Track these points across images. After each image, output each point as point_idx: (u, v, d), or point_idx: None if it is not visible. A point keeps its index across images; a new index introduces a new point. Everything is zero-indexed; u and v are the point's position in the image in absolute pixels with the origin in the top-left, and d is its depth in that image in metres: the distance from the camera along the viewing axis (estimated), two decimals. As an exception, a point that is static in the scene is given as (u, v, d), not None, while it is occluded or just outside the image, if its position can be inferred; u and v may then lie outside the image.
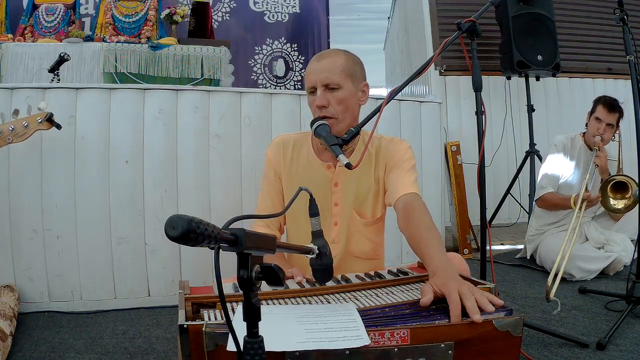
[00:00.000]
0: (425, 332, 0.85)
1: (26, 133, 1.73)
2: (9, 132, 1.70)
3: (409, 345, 0.83)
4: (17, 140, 1.73)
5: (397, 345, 0.83)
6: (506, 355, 0.90)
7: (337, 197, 1.49)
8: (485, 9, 1.64)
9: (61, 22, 4.19)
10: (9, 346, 1.74)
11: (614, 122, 2.76)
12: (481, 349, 0.88)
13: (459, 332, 0.86)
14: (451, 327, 0.87)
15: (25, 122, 1.72)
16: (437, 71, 4.34)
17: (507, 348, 0.89)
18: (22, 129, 1.72)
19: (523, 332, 1.49)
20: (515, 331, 0.89)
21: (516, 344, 0.89)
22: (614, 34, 4.34)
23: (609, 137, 2.78)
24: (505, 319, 0.89)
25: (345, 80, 1.40)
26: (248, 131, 2.44)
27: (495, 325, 0.87)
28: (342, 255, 1.50)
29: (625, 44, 2.07)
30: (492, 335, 0.87)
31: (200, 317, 0.96)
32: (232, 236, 0.63)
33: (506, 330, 0.88)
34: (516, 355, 0.90)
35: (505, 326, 0.88)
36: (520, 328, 0.90)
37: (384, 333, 0.83)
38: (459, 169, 3.38)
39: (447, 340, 0.85)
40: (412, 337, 0.84)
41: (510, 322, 0.89)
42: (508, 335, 0.88)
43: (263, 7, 5.26)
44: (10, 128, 1.71)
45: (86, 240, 2.25)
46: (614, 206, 2.55)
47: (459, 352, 0.85)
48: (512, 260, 3.11)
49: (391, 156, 1.47)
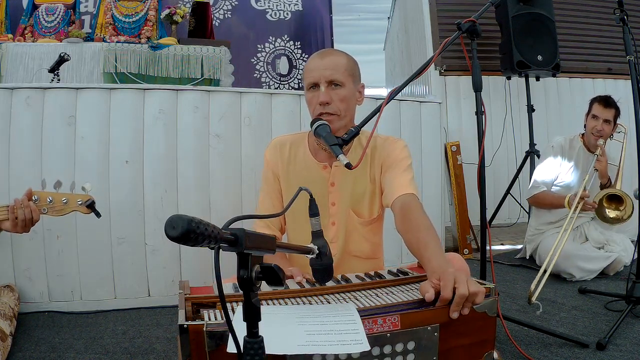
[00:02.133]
0: (413, 316, 0.93)
1: (63, 210, 1.62)
2: (46, 202, 1.61)
3: (400, 330, 0.91)
4: (52, 214, 1.62)
5: (389, 331, 0.91)
6: (483, 334, 1.00)
7: (334, 197, 1.49)
8: (485, 9, 1.64)
9: (61, 22, 4.19)
10: (9, 346, 1.74)
11: (610, 118, 2.77)
12: (462, 329, 0.97)
13: (443, 315, 0.95)
14: (436, 311, 0.95)
15: (65, 198, 1.62)
16: (437, 71, 4.33)
17: (484, 327, 1.00)
18: (60, 205, 1.62)
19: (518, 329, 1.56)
20: (491, 312, 0.99)
21: (492, 323, 1.01)
22: (613, 34, 4.33)
23: (607, 133, 2.78)
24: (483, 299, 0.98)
25: (348, 79, 1.42)
26: (248, 131, 2.44)
27: (474, 308, 0.97)
28: (341, 255, 1.51)
29: (625, 44, 2.07)
30: (471, 317, 0.97)
31: (200, 317, 0.96)
32: (232, 236, 0.63)
33: (483, 312, 0.98)
34: (492, 335, 1.02)
35: (481, 307, 0.98)
36: (495, 309, 1.01)
37: (376, 320, 0.90)
38: (459, 169, 3.38)
39: (433, 323, 0.94)
40: (402, 322, 0.92)
41: (486, 304, 0.98)
42: (485, 316, 0.99)
43: (265, 5, 5.26)
44: (48, 199, 1.61)
45: (86, 240, 2.25)
46: (607, 214, 2.59)
47: (443, 333, 0.95)
48: (512, 260, 3.11)
49: (387, 156, 1.47)
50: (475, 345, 0.99)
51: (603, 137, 2.77)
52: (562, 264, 2.62)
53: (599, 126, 2.77)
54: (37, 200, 1.62)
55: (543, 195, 2.86)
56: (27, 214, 1.54)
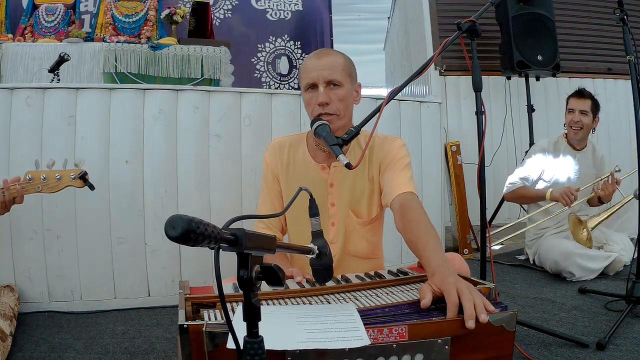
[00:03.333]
0: (422, 328, 0.87)
1: (57, 186, 1.70)
2: (40, 180, 1.69)
3: (407, 342, 0.85)
4: (46, 190, 1.71)
5: (396, 342, 0.85)
6: (500, 350, 0.92)
7: (333, 198, 1.49)
8: (485, 9, 1.64)
9: (61, 22, 4.19)
10: (9, 346, 1.74)
11: (586, 109, 2.80)
12: (476, 343, 0.90)
13: (455, 327, 0.88)
14: (448, 323, 0.89)
15: (59, 175, 1.70)
16: (437, 71, 4.33)
17: (501, 343, 0.92)
18: (54, 182, 1.70)
19: (518, 329, 1.49)
20: (509, 326, 0.91)
21: (510, 338, 0.92)
22: (613, 34, 4.33)
23: (587, 124, 2.80)
24: (499, 314, 0.91)
25: (345, 78, 1.42)
26: (248, 131, 2.44)
27: (490, 321, 0.89)
28: (340, 255, 1.51)
29: (625, 44, 2.06)
30: (486, 331, 0.89)
31: (200, 317, 0.96)
32: (232, 236, 0.63)
33: (500, 326, 0.91)
34: (510, 350, 0.93)
35: (499, 321, 0.91)
36: (514, 323, 0.92)
37: (382, 330, 0.85)
38: (459, 169, 3.38)
39: (444, 335, 0.88)
40: (410, 333, 0.86)
41: (505, 318, 0.91)
42: (502, 331, 0.91)
43: (265, 4, 5.25)
44: (42, 177, 1.69)
45: (86, 240, 2.25)
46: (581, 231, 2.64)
47: (455, 347, 0.88)
48: (512, 260, 3.11)
49: (385, 155, 1.47)
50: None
51: (583, 129, 2.80)
52: (562, 263, 2.62)
53: (576, 117, 2.81)
54: (31, 179, 1.69)
55: (523, 190, 2.88)
56: (7, 195, 1.66)
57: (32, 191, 1.72)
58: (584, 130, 2.81)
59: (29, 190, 1.71)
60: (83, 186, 1.72)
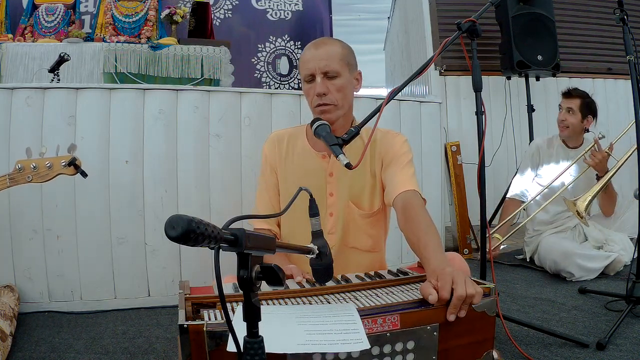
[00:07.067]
0: (413, 316, 0.94)
1: (48, 174, 1.61)
2: (30, 169, 1.60)
3: (400, 330, 0.92)
4: (37, 180, 1.61)
5: (389, 330, 0.91)
6: (482, 333, 1.01)
7: (332, 187, 1.49)
8: (485, 9, 1.65)
9: (61, 22, 4.19)
10: (9, 346, 1.74)
11: (572, 107, 2.83)
12: (461, 329, 0.98)
13: (442, 315, 0.96)
14: (435, 310, 0.96)
15: (49, 162, 1.61)
16: (437, 71, 4.33)
17: (484, 327, 1.00)
18: (44, 170, 1.61)
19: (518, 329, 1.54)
20: (490, 311, 1.00)
21: (491, 322, 1.01)
22: (613, 34, 4.33)
23: (573, 122, 2.83)
24: (481, 300, 0.98)
25: (344, 68, 1.42)
26: (248, 131, 2.44)
27: (473, 307, 0.97)
28: (339, 247, 1.49)
29: (625, 44, 2.06)
30: (470, 316, 0.97)
31: (200, 317, 0.96)
32: (232, 236, 0.63)
33: (482, 311, 0.99)
34: (491, 334, 1.02)
35: (481, 307, 0.99)
36: (495, 308, 1.01)
37: (376, 320, 0.91)
38: (459, 169, 3.38)
39: (432, 322, 0.95)
40: (401, 321, 0.92)
41: (486, 304, 0.99)
42: (484, 315, 0.99)
43: (265, 4, 5.25)
44: (32, 166, 1.60)
45: (86, 240, 2.25)
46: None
47: (442, 332, 0.96)
48: (512, 260, 3.11)
49: (387, 151, 1.47)
50: (474, 345, 1.00)
51: (570, 128, 2.83)
52: (561, 263, 2.62)
53: (561, 116, 2.85)
54: (22, 170, 1.60)
55: (511, 204, 2.97)
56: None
57: (22, 182, 1.63)
58: (570, 129, 2.84)
59: (19, 181, 1.62)
60: (75, 174, 1.63)
